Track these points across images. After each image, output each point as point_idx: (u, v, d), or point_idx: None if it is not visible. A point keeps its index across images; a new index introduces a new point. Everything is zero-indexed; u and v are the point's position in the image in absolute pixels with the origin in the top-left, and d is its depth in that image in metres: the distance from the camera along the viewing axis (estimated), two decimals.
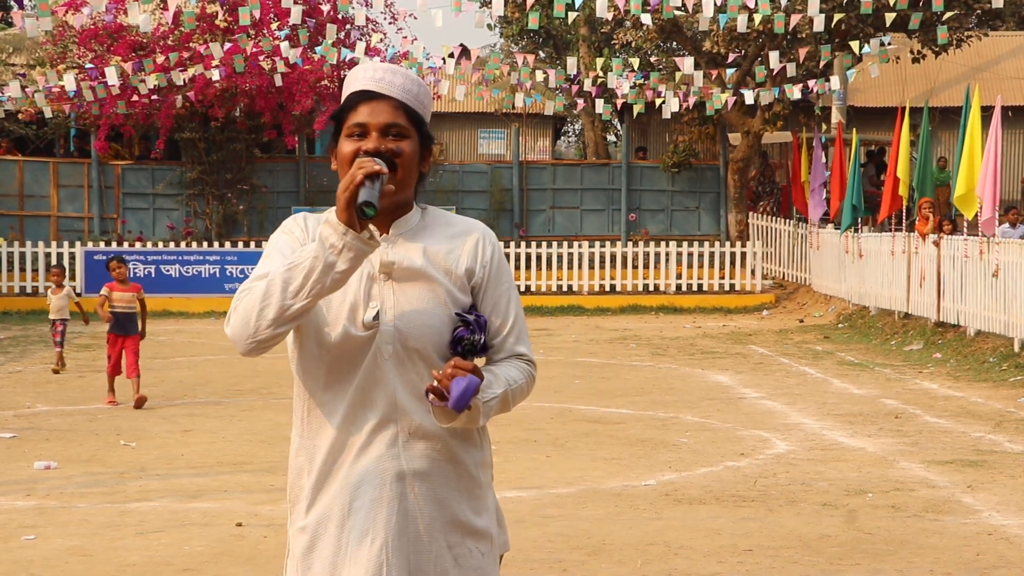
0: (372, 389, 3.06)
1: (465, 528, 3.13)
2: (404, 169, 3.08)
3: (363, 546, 3.04)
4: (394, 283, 3.08)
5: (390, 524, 3.05)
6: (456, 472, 3.13)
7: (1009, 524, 7.88)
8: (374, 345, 3.05)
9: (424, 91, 3.17)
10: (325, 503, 3.09)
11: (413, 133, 3.12)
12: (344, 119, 3.12)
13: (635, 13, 21.42)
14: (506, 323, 3.18)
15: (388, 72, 3.13)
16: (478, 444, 3.18)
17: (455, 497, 3.12)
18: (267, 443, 10.67)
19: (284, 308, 2.93)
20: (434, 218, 3.19)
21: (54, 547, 7.32)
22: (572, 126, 47.79)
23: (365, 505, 3.05)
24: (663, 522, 7.90)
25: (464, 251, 3.15)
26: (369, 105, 3.10)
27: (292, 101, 25.25)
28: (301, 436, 3.15)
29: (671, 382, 14.65)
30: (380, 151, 3.05)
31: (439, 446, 3.10)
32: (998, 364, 15.32)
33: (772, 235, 26.39)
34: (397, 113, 3.09)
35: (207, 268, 23.99)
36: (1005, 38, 32.28)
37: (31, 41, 26.80)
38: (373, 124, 3.08)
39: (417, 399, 3.06)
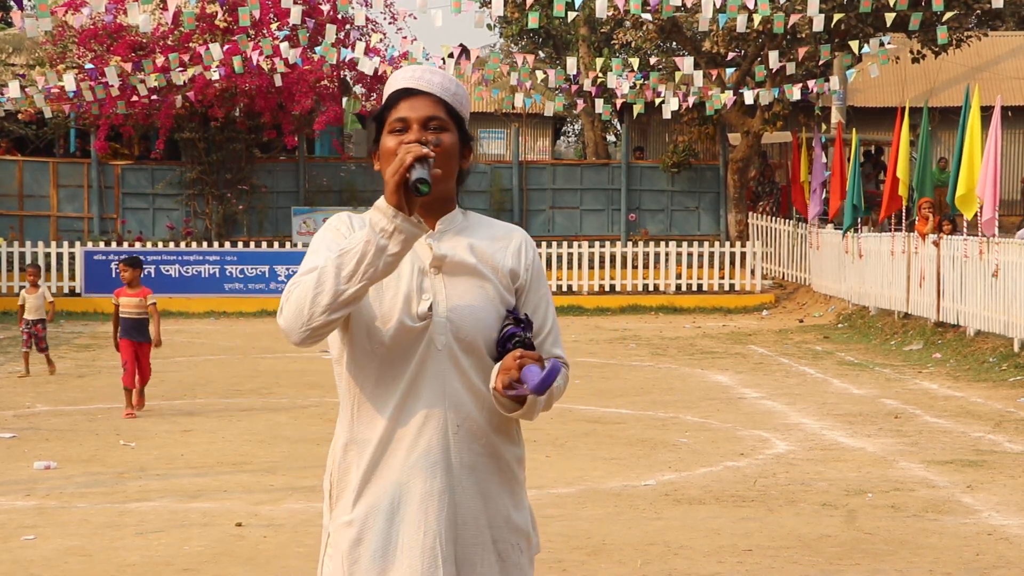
0: (424, 381, 3.09)
1: (508, 523, 3.16)
2: (444, 160, 3.12)
3: (416, 538, 3.06)
4: (445, 277, 3.13)
5: (442, 516, 3.07)
6: (498, 467, 3.17)
7: (1009, 524, 7.88)
8: (427, 336, 3.08)
9: (462, 91, 3.24)
10: (373, 496, 3.11)
11: (453, 127, 3.17)
12: (386, 117, 3.18)
13: (635, 13, 21.43)
14: (545, 326, 3.26)
15: (427, 72, 3.21)
16: (516, 440, 3.23)
17: (498, 492, 3.16)
18: (267, 443, 10.67)
19: (338, 293, 2.95)
20: (476, 219, 3.26)
21: (54, 547, 7.32)
22: (572, 126, 47.80)
23: (416, 498, 3.08)
24: (663, 522, 7.90)
25: (509, 252, 3.22)
26: (409, 101, 3.16)
27: (292, 101, 25.25)
28: (351, 431, 3.16)
29: (671, 382, 14.65)
30: (421, 143, 3.08)
31: (484, 440, 3.14)
32: (998, 364, 15.32)
33: (772, 235, 26.39)
34: (436, 107, 3.16)
35: (207, 268, 23.99)
36: (1005, 38, 32.28)
37: (31, 41, 26.80)
38: (414, 118, 3.14)
39: (467, 391, 3.11)
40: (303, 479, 9.17)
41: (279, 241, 25.71)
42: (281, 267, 24.02)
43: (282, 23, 23.92)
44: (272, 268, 24.03)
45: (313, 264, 3.06)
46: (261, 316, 23.12)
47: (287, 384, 14.27)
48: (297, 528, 7.77)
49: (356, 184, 26.89)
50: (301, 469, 9.54)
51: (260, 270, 24.01)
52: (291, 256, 24.31)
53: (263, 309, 23.50)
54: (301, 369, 15.64)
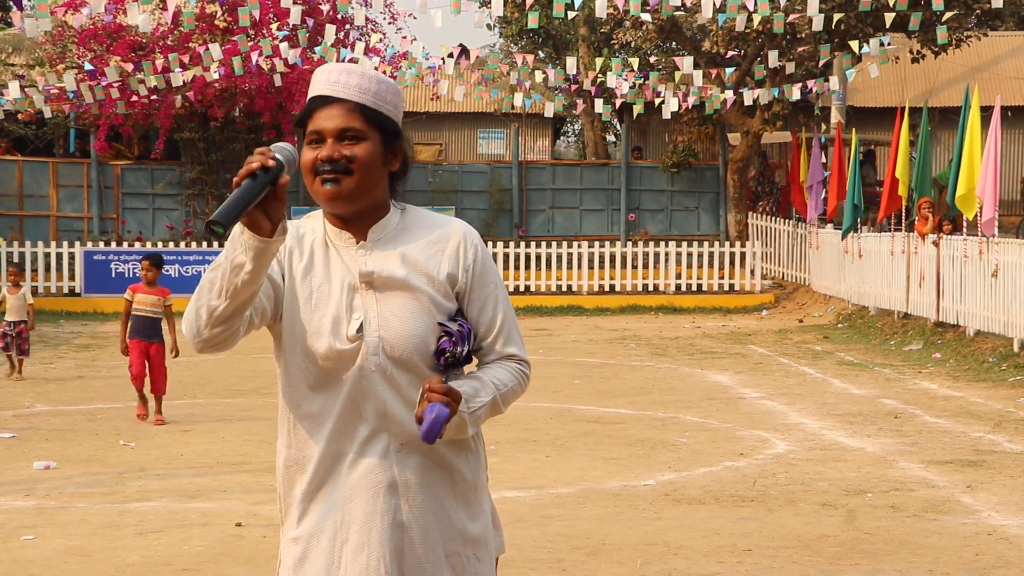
0: (361, 401, 3.04)
1: (463, 536, 3.11)
2: (361, 173, 3.03)
3: (358, 561, 3.03)
4: (376, 293, 3.05)
5: (384, 538, 3.03)
6: (451, 479, 3.11)
7: (1008, 524, 7.88)
8: (360, 357, 3.02)
9: (386, 87, 3.10)
10: (318, 515, 3.06)
11: (372, 134, 3.06)
12: (304, 126, 3.09)
13: (635, 13, 21.43)
14: (493, 326, 3.14)
15: (343, 73, 3.08)
16: (472, 448, 3.16)
17: (451, 505, 3.10)
18: (266, 443, 10.67)
19: (212, 308, 2.93)
20: (413, 219, 3.15)
21: (53, 547, 7.32)
22: (572, 126, 47.80)
23: (359, 519, 3.03)
24: (662, 522, 7.90)
25: (445, 256, 3.10)
26: (325, 110, 3.06)
27: (291, 101, 25.25)
28: (289, 447, 3.12)
29: (670, 382, 14.65)
30: (334, 158, 3.02)
31: (433, 455, 3.07)
32: (997, 364, 15.32)
33: (771, 235, 26.39)
34: (351, 116, 3.04)
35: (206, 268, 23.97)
36: (1004, 38, 32.28)
37: (30, 41, 26.79)
38: (328, 130, 3.04)
39: (407, 409, 3.03)
40: None
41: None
42: None
43: (282, 23, 23.92)
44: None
45: None
46: None
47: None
48: None
49: None
50: None
51: None
52: None
53: None
54: None
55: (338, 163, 3.02)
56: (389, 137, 3.10)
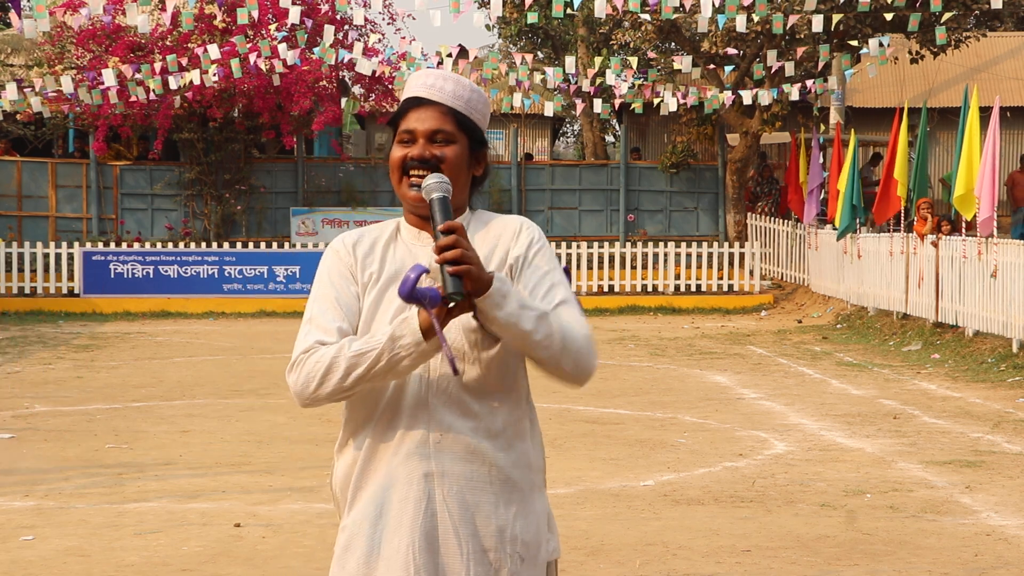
0: (403, 392, 3.13)
1: (502, 532, 3.14)
2: (449, 173, 3.14)
3: (391, 545, 3.10)
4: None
5: (416, 524, 3.10)
6: (489, 474, 3.14)
7: (1007, 524, 7.88)
8: None
9: (477, 96, 3.24)
10: (362, 503, 3.16)
11: (461, 138, 3.19)
12: (396, 126, 3.21)
13: (634, 12, 21.44)
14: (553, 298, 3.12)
15: (439, 79, 3.22)
16: (519, 445, 3.18)
17: (490, 500, 3.14)
18: (265, 443, 10.67)
19: (343, 389, 3.08)
20: (479, 219, 3.27)
21: (52, 547, 7.32)
22: (571, 127, 47.81)
23: (395, 505, 3.12)
24: (661, 522, 7.90)
25: (500, 245, 3.20)
26: (418, 112, 3.19)
27: (290, 102, 25.25)
28: (346, 439, 3.24)
29: (669, 382, 14.65)
30: (425, 157, 3.14)
31: (470, 449, 3.13)
32: (996, 364, 15.32)
33: (770, 235, 26.39)
34: (444, 119, 3.17)
35: (205, 268, 23.98)
36: (1004, 38, 32.28)
37: (29, 42, 26.79)
38: (420, 131, 3.17)
39: (446, 401, 3.12)
40: (302, 480, 9.17)
41: (278, 242, 25.71)
42: (280, 267, 24.01)
43: (280, 23, 23.92)
44: (271, 268, 24.02)
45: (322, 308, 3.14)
46: (259, 316, 23.13)
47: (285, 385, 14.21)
48: (296, 528, 7.76)
49: (355, 185, 26.87)
50: (300, 470, 9.53)
51: (259, 271, 24.00)
52: (290, 257, 24.30)
53: (261, 310, 23.51)
54: None
55: (428, 161, 3.14)
56: (476, 143, 3.23)
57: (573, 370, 3.09)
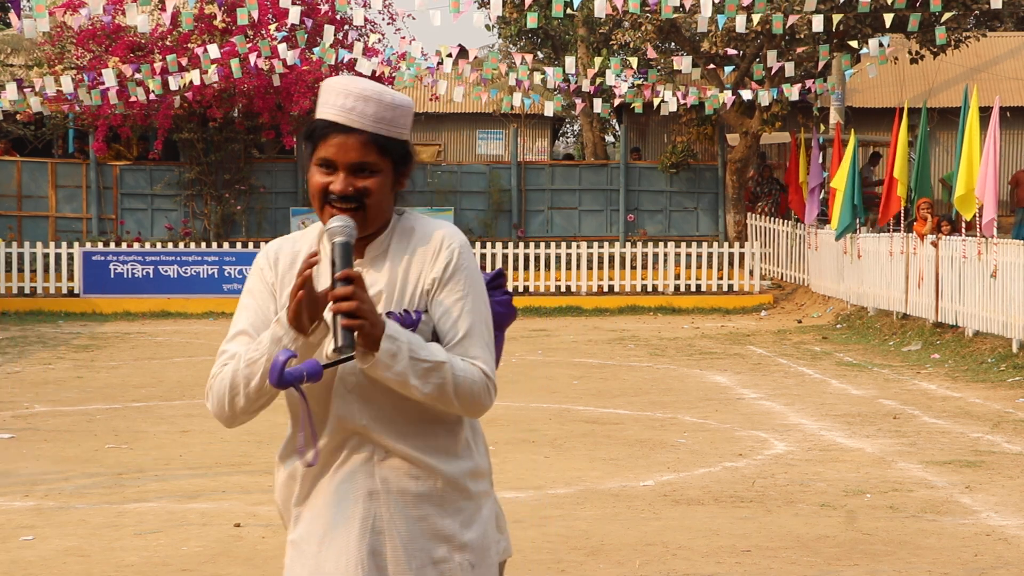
0: (344, 415, 3.10)
1: (452, 542, 3.11)
2: (373, 207, 3.06)
3: (338, 564, 3.08)
4: None
5: (362, 543, 3.07)
6: (435, 487, 3.12)
7: (1007, 524, 7.88)
8: (337, 375, 3.07)
9: (401, 111, 3.09)
10: (307, 521, 3.15)
11: (385, 165, 3.07)
12: (314, 145, 3.08)
13: (633, 12, 21.44)
14: (457, 329, 3.09)
15: (360, 100, 3.05)
16: (461, 454, 3.16)
17: (437, 512, 3.11)
18: (265, 443, 10.66)
19: (250, 400, 3.09)
20: (404, 229, 3.15)
21: (52, 547, 7.32)
22: (570, 127, 47.81)
23: (340, 523, 3.10)
24: (661, 522, 7.90)
25: (425, 264, 3.11)
26: (339, 139, 3.05)
27: (290, 102, 25.25)
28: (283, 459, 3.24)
29: (669, 383, 14.64)
30: (347, 193, 3.04)
31: (413, 464, 3.10)
32: (996, 364, 15.32)
33: (770, 236, 26.39)
34: (367, 150, 3.04)
35: (205, 269, 23.98)
36: (1003, 38, 32.29)
37: (29, 42, 26.79)
38: (342, 162, 3.05)
39: (386, 421, 3.09)
40: None
41: None
42: None
43: (280, 23, 23.91)
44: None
45: (238, 328, 3.14)
46: None
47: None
48: None
49: None
50: None
51: None
52: None
53: None
54: None
55: (351, 197, 3.05)
56: (400, 162, 3.11)
57: (463, 411, 3.10)
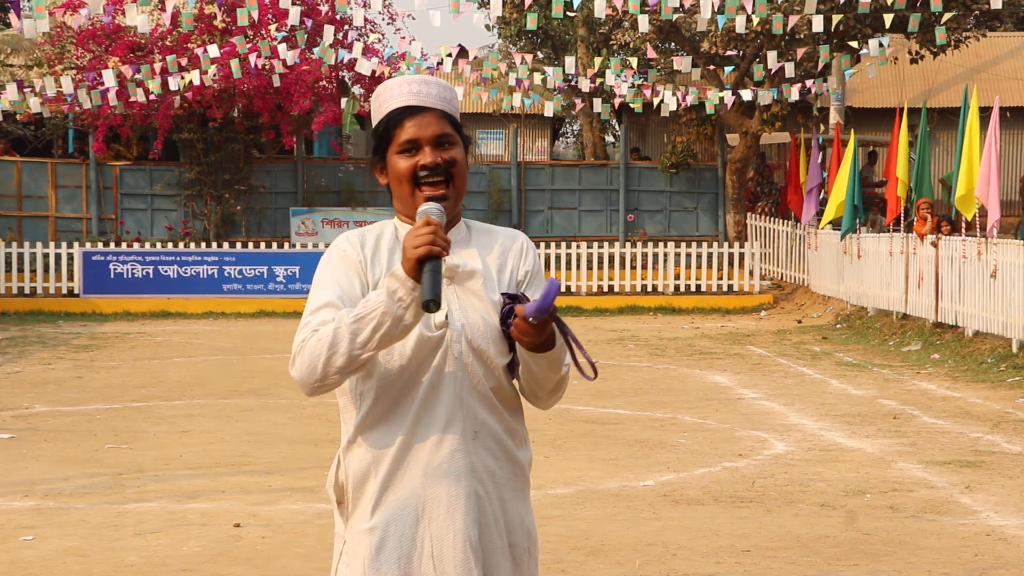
0: (442, 388, 3.12)
1: (522, 527, 3.20)
2: (460, 177, 3.17)
3: (444, 542, 3.08)
4: (456, 288, 3.16)
5: (469, 519, 3.10)
6: (514, 471, 3.20)
7: (1007, 524, 7.88)
8: (444, 344, 3.11)
9: (454, 94, 3.26)
10: (395, 502, 3.11)
11: (459, 140, 3.19)
12: (390, 136, 3.16)
13: (633, 13, 21.43)
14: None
15: (423, 84, 3.19)
16: (526, 444, 3.27)
17: (513, 496, 3.19)
18: (265, 443, 10.66)
19: (353, 358, 3.02)
20: (478, 228, 3.30)
21: (52, 548, 7.32)
22: (570, 127, 47.81)
23: (443, 503, 3.10)
24: (661, 522, 7.90)
25: (510, 257, 3.25)
26: (415, 120, 3.15)
27: (290, 102, 25.25)
28: (366, 438, 3.15)
29: (669, 383, 14.64)
30: (438, 163, 3.13)
31: (500, 445, 3.17)
32: (996, 365, 15.32)
33: (770, 236, 26.39)
34: (442, 123, 3.16)
35: (205, 269, 23.97)
36: (1003, 39, 32.29)
37: (29, 42, 26.79)
38: (425, 138, 3.14)
39: (480, 398, 3.14)
40: (301, 480, 9.17)
41: (277, 242, 25.71)
42: (279, 268, 24.01)
43: (280, 24, 23.91)
44: (271, 269, 24.02)
45: (323, 299, 3.09)
46: (259, 317, 23.12)
47: (285, 385, 14.26)
48: (295, 528, 7.76)
49: (354, 185, 26.89)
50: (300, 470, 9.53)
51: (258, 271, 23.99)
52: (289, 257, 24.30)
53: (261, 310, 23.50)
54: None
55: (439, 167, 3.13)
56: (466, 142, 3.24)
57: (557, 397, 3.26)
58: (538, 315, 3.01)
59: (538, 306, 3.01)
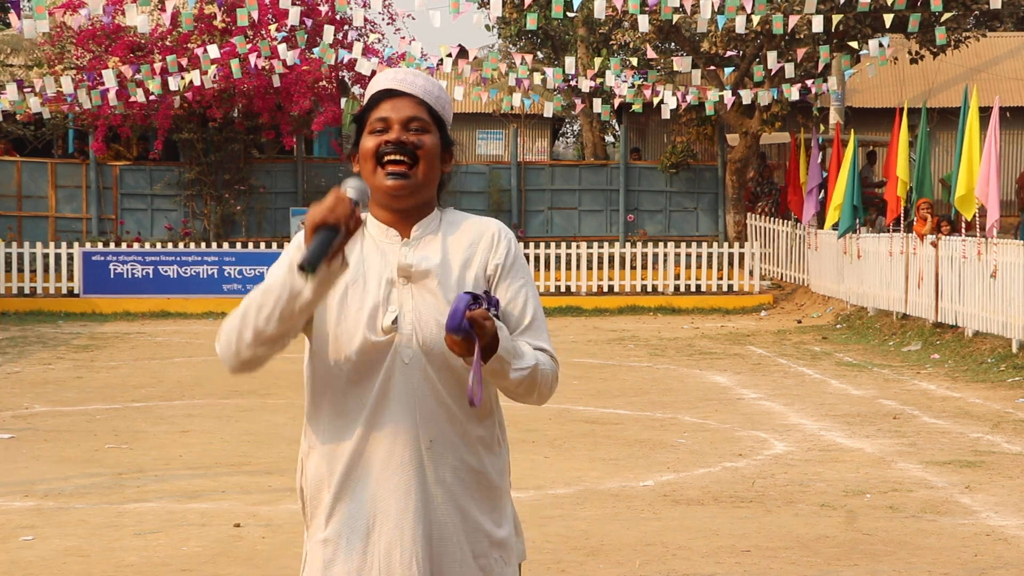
0: (392, 396, 3.03)
1: (489, 538, 3.10)
2: (426, 162, 3.10)
3: (391, 559, 3.01)
4: (413, 287, 3.07)
5: (417, 535, 3.01)
6: (478, 480, 3.10)
7: (1007, 525, 7.88)
8: (392, 350, 3.03)
9: (445, 96, 3.21)
10: (347, 514, 3.05)
11: (434, 129, 3.14)
12: (367, 118, 3.14)
13: (633, 13, 21.43)
14: (523, 318, 3.14)
15: (409, 74, 3.19)
16: (497, 450, 3.16)
17: (477, 506, 3.09)
18: (265, 443, 10.66)
19: (258, 332, 2.98)
20: (452, 219, 3.19)
21: (52, 548, 7.32)
22: (570, 127, 47.81)
23: (392, 517, 3.02)
24: (661, 523, 7.90)
25: (479, 250, 3.13)
26: (391, 102, 3.13)
27: (290, 102, 25.25)
28: (320, 445, 3.10)
29: (669, 383, 14.64)
30: (402, 141, 3.08)
31: (460, 454, 3.07)
32: (996, 365, 15.32)
33: (770, 236, 26.39)
34: (418, 108, 3.13)
35: (205, 269, 23.98)
36: (1003, 39, 32.29)
37: (29, 42, 26.79)
38: (395, 118, 3.11)
39: (438, 405, 3.04)
40: None
41: (277, 242, 25.69)
42: None
43: (280, 24, 23.91)
44: (270, 269, 24.00)
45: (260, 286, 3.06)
46: None
47: (285, 385, 14.26)
48: (295, 529, 7.76)
49: None
50: None
51: (258, 271, 23.99)
52: None
53: None
54: (299, 370, 15.56)
55: (405, 146, 3.08)
56: (446, 140, 3.18)
57: (536, 402, 3.14)
58: (448, 331, 2.88)
59: (446, 323, 2.89)
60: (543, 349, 3.13)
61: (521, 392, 3.06)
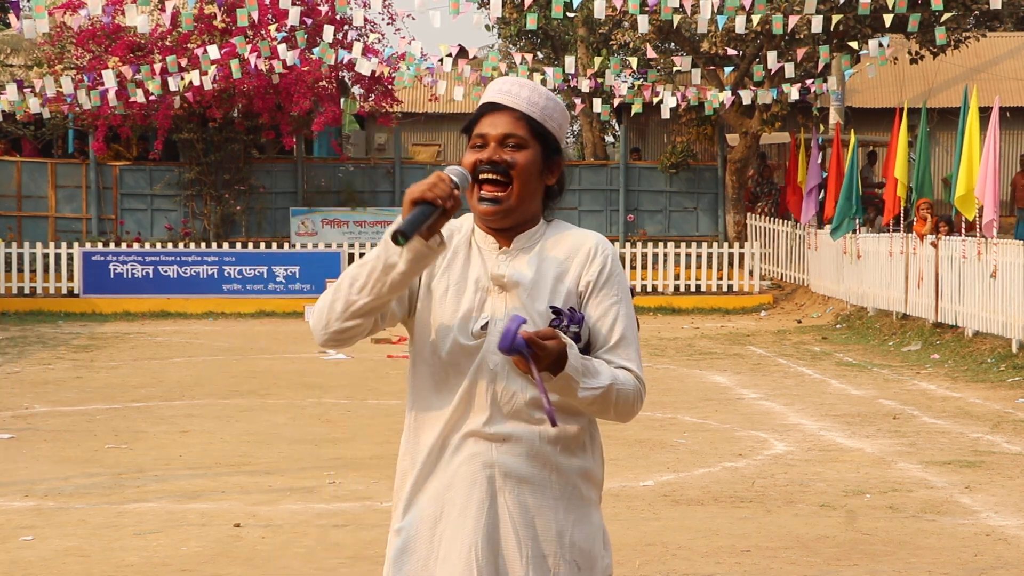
0: (476, 397, 3.11)
1: (562, 537, 3.12)
2: (520, 181, 3.15)
3: (452, 547, 3.07)
4: (506, 296, 3.13)
5: (479, 527, 3.07)
6: (551, 478, 3.14)
7: (1007, 525, 7.88)
8: (480, 354, 3.10)
9: (554, 104, 3.21)
10: (421, 505, 3.14)
11: (533, 144, 3.16)
12: (472, 131, 3.20)
13: (633, 13, 21.43)
14: (612, 335, 3.17)
15: (515, 85, 3.20)
16: (581, 454, 3.20)
17: (551, 505, 3.13)
18: (265, 444, 10.66)
19: (349, 303, 3.04)
20: (555, 231, 3.25)
21: (52, 548, 7.32)
22: (570, 127, 47.80)
23: (457, 506, 3.09)
24: (661, 522, 7.90)
25: (574, 264, 3.18)
26: (491, 117, 3.17)
27: (290, 102, 25.25)
28: (407, 440, 3.21)
29: (669, 383, 14.64)
30: (494, 160, 3.13)
31: (535, 453, 3.12)
32: (996, 365, 15.32)
33: (770, 236, 26.39)
34: (517, 124, 3.15)
35: (205, 269, 23.98)
36: (1003, 39, 32.29)
37: (29, 42, 26.78)
38: (491, 135, 3.15)
39: (512, 411, 3.11)
40: (301, 480, 9.17)
41: (277, 242, 25.70)
42: (279, 268, 24.02)
43: (280, 24, 23.90)
44: (270, 269, 24.03)
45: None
46: (259, 317, 23.13)
47: (285, 385, 14.27)
48: (295, 529, 7.76)
49: (354, 185, 26.87)
50: (299, 470, 9.53)
51: (258, 271, 24.00)
52: (289, 257, 24.30)
53: (261, 310, 23.50)
54: (299, 370, 15.64)
55: (498, 165, 3.12)
56: (550, 151, 3.21)
57: (615, 419, 3.23)
58: (501, 349, 2.92)
59: (497, 344, 2.94)
60: (629, 368, 3.17)
61: (594, 411, 3.16)
